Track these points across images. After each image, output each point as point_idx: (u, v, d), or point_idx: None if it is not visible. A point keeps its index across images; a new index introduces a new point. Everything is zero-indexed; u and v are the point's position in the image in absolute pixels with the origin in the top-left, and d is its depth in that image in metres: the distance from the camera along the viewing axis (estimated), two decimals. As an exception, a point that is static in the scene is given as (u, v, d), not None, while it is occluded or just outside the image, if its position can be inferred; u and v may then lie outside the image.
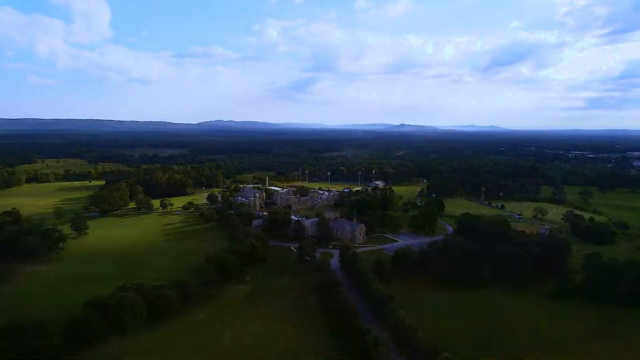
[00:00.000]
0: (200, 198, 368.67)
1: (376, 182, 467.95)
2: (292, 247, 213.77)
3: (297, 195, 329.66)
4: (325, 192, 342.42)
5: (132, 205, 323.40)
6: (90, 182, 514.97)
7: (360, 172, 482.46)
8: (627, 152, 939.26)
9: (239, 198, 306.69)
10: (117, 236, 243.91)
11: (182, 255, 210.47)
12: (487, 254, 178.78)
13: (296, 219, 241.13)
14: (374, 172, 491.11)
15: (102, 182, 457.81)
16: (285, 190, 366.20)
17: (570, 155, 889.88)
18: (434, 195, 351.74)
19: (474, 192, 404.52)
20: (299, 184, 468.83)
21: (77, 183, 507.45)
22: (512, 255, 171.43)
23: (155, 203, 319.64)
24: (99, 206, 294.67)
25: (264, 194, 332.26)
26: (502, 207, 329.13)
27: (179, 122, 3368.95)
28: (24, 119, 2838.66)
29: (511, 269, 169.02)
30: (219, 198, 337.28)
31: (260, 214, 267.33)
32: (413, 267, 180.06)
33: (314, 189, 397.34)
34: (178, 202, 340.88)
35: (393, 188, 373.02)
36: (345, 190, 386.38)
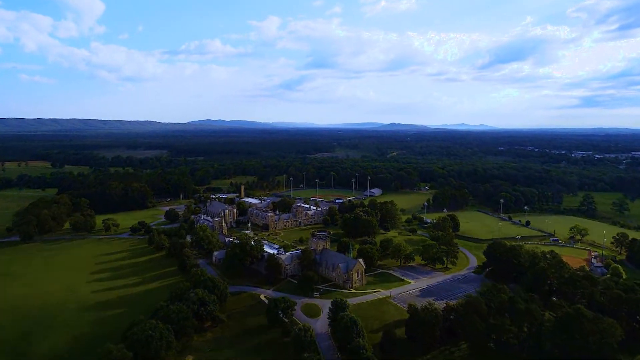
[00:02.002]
0: (162, 213, 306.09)
1: (372, 191, 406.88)
2: (262, 297, 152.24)
3: (277, 212, 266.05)
4: (311, 207, 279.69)
5: (68, 225, 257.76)
6: (43, 190, 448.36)
7: (353, 179, 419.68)
8: (632, 152, 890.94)
9: (203, 217, 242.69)
10: (27, 277, 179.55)
11: (107, 309, 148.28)
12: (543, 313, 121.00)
13: (271, 251, 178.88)
14: (369, 178, 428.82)
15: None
16: (262, 203, 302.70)
17: (574, 155, 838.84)
18: (445, 210, 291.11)
19: (487, 202, 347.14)
20: (283, 191, 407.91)
21: (27, 192, 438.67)
22: (585, 318, 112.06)
23: (100, 221, 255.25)
24: (20, 229, 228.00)
25: (235, 210, 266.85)
26: (528, 223, 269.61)
27: (168, 121, 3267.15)
28: (7, 118, 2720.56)
29: (587, 340, 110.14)
30: (180, 215, 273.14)
31: (227, 239, 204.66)
32: (439, 333, 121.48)
33: (300, 199, 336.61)
34: (131, 218, 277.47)
35: (393, 198, 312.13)
36: (337, 201, 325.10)
